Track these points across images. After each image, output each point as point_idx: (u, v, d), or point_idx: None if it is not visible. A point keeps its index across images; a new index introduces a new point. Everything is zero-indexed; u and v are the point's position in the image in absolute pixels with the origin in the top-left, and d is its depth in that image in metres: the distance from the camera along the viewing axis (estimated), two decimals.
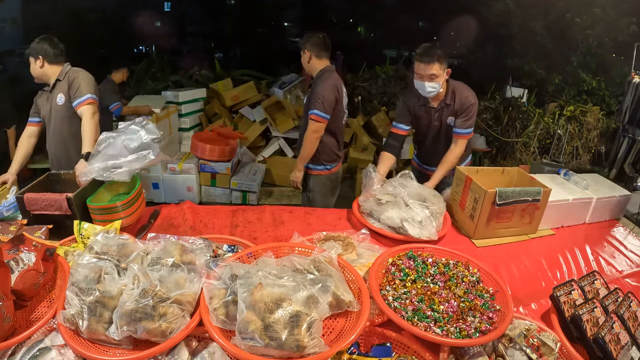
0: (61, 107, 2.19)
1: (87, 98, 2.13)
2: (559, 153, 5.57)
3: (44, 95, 2.27)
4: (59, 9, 6.51)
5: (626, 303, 1.23)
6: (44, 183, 1.78)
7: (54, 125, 2.25)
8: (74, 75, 2.18)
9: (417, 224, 1.68)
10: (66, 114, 2.19)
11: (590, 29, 5.77)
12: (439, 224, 1.74)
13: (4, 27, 6.54)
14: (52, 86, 2.21)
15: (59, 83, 2.20)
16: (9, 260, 1.16)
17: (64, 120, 2.21)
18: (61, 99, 2.18)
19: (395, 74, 5.91)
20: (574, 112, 5.68)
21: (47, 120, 2.26)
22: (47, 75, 2.20)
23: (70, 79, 2.18)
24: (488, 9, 6.36)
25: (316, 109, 2.23)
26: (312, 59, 2.34)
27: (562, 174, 2.12)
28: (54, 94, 2.20)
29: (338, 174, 2.55)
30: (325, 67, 2.35)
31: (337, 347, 0.99)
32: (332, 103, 2.27)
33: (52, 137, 2.28)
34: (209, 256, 1.27)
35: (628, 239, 1.92)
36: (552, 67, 6.12)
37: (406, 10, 7.80)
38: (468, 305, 1.20)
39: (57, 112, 2.21)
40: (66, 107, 2.18)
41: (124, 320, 0.97)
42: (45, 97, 2.25)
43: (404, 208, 1.76)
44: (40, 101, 2.27)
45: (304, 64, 2.39)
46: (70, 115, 2.19)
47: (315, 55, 2.34)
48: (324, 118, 2.26)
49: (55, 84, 2.20)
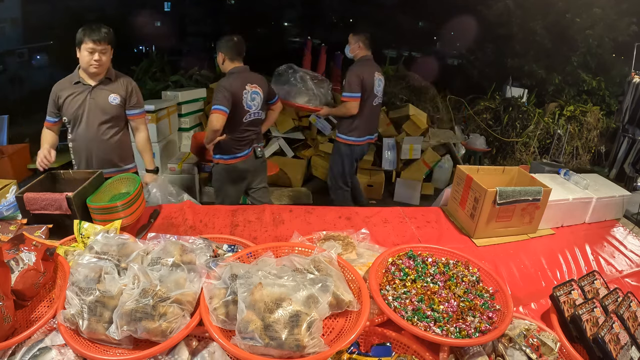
0: (113, 107, 2.15)
1: (143, 111, 2.29)
2: (559, 153, 5.57)
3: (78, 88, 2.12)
4: (59, 9, 6.51)
5: (626, 303, 1.23)
6: (44, 182, 1.77)
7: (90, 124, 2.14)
8: (131, 84, 2.21)
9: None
10: (115, 114, 2.16)
11: (590, 29, 5.77)
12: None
13: (4, 27, 6.55)
14: (99, 82, 2.12)
15: (110, 82, 2.15)
16: (9, 260, 1.16)
17: (109, 121, 2.16)
18: (115, 99, 2.14)
19: (395, 74, 5.91)
20: (574, 112, 5.69)
21: (77, 115, 2.14)
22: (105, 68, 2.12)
23: (128, 85, 2.19)
24: (488, 9, 6.36)
25: (215, 103, 2.37)
26: (226, 61, 2.51)
27: (562, 174, 2.12)
28: (100, 92, 2.12)
29: (237, 167, 2.63)
30: (234, 69, 2.51)
31: (337, 347, 0.99)
32: (229, 99, 2.38)
33: (85, 135, 2.17)
34: (209, 256, 1.27)
35: (628, 239, 1.92)
36: (552, 67, 6.13)
37: (406, 10, 7.79)
38: (468, 305, 1.20)
39: (103, 112, 2.13)
40: (117, 109, 2.16)
41: (124, 319, 0.97)
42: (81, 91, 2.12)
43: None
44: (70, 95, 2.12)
45: (219, 64, 2.59)
46: (118, 117, 2.19)
47: (228, 58, 2.50)
48: (221, 110, 2.36)
49: (103, 81, 2.13)
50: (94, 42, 1.98)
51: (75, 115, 2.15)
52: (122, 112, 2.21)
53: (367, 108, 3.00)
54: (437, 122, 5.46)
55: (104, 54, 2.04)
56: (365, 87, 2.91)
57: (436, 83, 5.96)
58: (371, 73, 2.94)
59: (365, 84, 2.90)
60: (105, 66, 2.11)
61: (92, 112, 2.14)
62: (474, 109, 5.75)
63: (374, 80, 2.96)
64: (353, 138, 3.07)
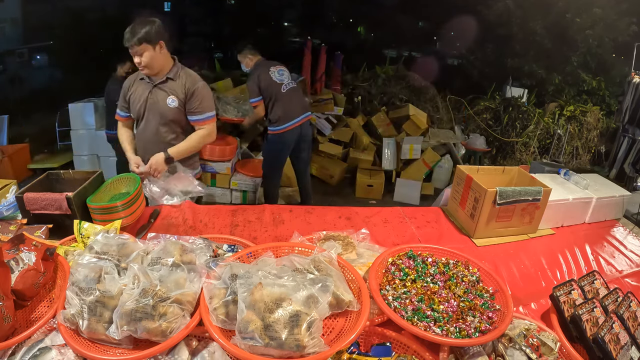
0: (170, 110, 2.02)
1: (207, 117, 2.08)
2: (559, 153, 5.58)
3: (142, 85, 2.06)
4: (59, 9, 6.51)
5: (626, 303, 1.23)
6: (44, 182, 1.77)
7: (149, 124, 2.08)
8: (195, 85, 2.03)
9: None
10: (170, 118, 2.04)
11: (590, 29, 5.78)
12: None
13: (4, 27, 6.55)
14: (159, 81, 2.02)
15: (171, 82, 2.02)
16: (9, 260, 1.16)
17: (165, 123, 2.06)
18: (173, 102, 2.01)
19: (395, 74, 5.91)
20: (574, 112, 5.69)
21: (139, 112, 2.08)
22: (161, 65, 1.99)
23: (189, 87, 2.02)
24: (488, 9, 6.36)
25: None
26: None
27: (562, 174, 2.12)
28: (160, 91, 2.02)
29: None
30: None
31: (337, 347, 0.99)
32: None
33: (145, 134, 2.11)
34: (209, 256, 1.27)
35: (628, 239, 1.92)
36: (552, 67, 6.13)
37: (406, 10, 7.79)
38: (468, 305, 1.20)
39: (160, 112, 2.04)
40: (175, 112, 2.03)
41: (124, 319, 0.97)
42: (144, 88, 2.05)
43: None
44: (136, 91, 2.07)
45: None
46: (178, 121, 2.06)
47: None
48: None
49: (164, 80, 2.02)
50: (128, 47, 1.94)
51: (138, 113, 2.10)
52: (182, 116, 2.06)
53: (280, 98, 3.28)
54: (437, 122, 5.47)
55: (141, 55, 1.94)
56: (264, 84, 3.23)
57: (436, 83, 5.97)
58: (265, 71, 3.26)
59: (262, 82, 3.23)
60: (155, 64, 1.98)
61: (151, 112, 2.06)
62: (474, 109, 5.75)
63: (269, 75, 3.25)
64: (279, 127, 3.34)
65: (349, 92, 5.61)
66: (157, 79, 2.04)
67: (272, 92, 3.26)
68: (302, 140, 3.45)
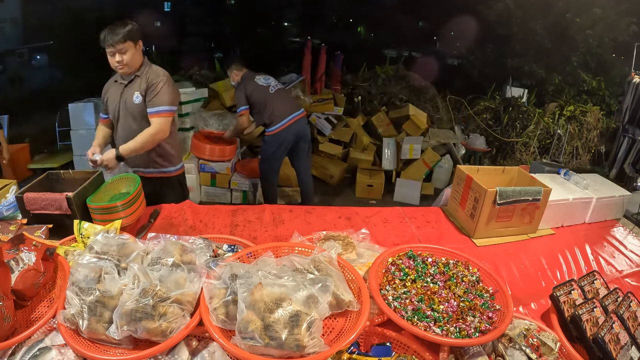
0: (136, 106, 2.06)
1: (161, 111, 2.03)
2: (559, 153, 5.58)
3: (115, 87, 2.11)
4: (59, 9, 6.51)
5: (626, 303, 1.23)
6: (44, 182, 1.77)
7: (124, 122, 2.12)
8: (157, 78, 2.04)
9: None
10: (138, 115, 2.07)
11: (590, 29, 5.77)
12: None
13: (4, 27, 6.55)
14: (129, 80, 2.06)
15: (138, 79, 2.06)
16: (9, 260, 1.16)
17: (136, 120, 2.08)
18: (137, 98, 2.04)
19: (395, 74, 5.90)
20: (574, 112, 5.69)
21: (115, 114, 2.12)
22: (137, 64, 2.03)
23: (149, 80, 2.03)
24: (488, 9, 6.36)
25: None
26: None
27: (562, 174, 2.12)
28: (129, 89, 2.06)
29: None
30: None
31: (337, 347, 0.99)
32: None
33: (122, 133, 2.14)
34: (209, 256, 1.27)
35: (628, 239, 1.92)
36: (552, 67, 6.13)
37: (406, 10, 7.78)
38: (468, 305, 1.20)
39: (129, 111, 2.08)
40: (142, 108, 2.06)
41: (124, 319, 0.97)
42: (117, 89, 2.09)
43: None
44: (111, 93, 2.12)
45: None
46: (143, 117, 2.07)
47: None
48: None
49: (133, 78, 2.06)
50: (108, 45, 1.95)
51: (113, 115, 2.14)
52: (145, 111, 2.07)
53: (270, 99, 3.34)
54: (437, 122, 5.46)
55: (124, 53, 1.97)
56: (250, 90, 3.33)
57: (436, 83, 5.96)
58: (251, 80, 3.38)
59: (249, 88, 3.34)
60: (133, 63, 2.02)
61: (123, 111, 2.10)
62: (474, 109, 5.75)
63: (255, 82, 3.37)
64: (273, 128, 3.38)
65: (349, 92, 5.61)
66: (128, 78, 2.08)
67: (260, 96, 3.33)
68: (299, 139, 3.44)
